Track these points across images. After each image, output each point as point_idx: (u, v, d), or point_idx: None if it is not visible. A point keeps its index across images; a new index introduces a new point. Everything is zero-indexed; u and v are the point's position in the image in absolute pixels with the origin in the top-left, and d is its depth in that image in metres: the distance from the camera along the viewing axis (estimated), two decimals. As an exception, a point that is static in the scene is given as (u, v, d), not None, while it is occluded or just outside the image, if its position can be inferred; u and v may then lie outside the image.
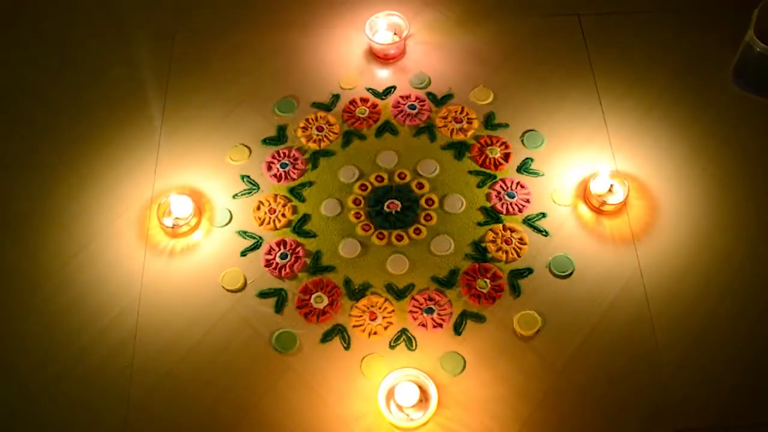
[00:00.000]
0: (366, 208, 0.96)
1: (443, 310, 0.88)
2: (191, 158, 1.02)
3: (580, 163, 1.00)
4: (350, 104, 1.06)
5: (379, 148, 1.01)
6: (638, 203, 0.96)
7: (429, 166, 0.99)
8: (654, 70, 1.06)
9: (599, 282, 0.90)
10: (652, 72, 1.06)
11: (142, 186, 1.00)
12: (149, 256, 0.94)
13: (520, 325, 0.86)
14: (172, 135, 1.04)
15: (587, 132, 1.02)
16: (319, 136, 1.03)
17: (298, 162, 1.00)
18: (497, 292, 0.89)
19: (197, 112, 1.06)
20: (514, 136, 1.02)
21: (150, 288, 0.91)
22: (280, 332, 0.87)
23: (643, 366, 0.85)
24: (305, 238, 0.94)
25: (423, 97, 1.06)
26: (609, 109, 1.03)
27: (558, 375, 0.84)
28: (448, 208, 0.96)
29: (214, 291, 0.91)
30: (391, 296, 0.90)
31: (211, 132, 1.04)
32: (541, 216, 0.95)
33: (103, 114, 1.06)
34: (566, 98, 1.05)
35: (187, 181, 1.00)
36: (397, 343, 0.87)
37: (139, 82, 1.08)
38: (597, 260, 0.91)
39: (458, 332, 0.87)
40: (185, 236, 0.96)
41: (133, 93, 1.07)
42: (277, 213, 0.96)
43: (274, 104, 1.06)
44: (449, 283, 0.90)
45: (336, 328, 0.88)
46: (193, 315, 0.89)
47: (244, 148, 1.02)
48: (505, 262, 0.91)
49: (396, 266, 0.92)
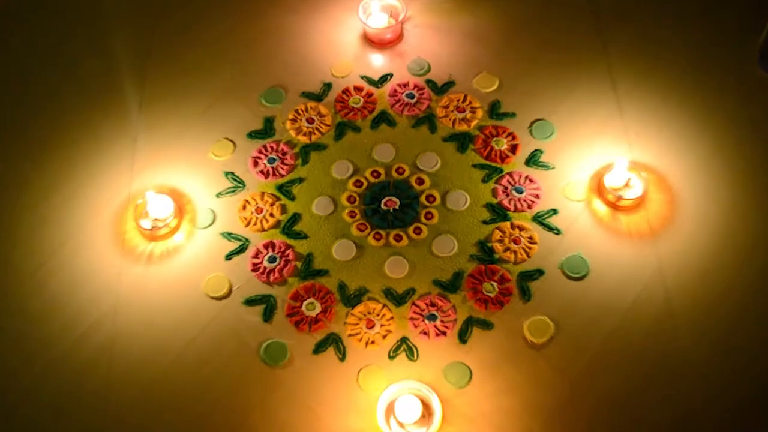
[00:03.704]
0: (361, 206, 0.96)
1: (447, 317, 0.88)
2: (171, 154, 1.01)
3: (593, 154, 0.99)
4: (343, 93, 1.05)
5: (375, 141, 1.01)
6: (657, 197, 0.96)
7: (429, 159, 0.99)
8: (673, 52, 1.06)
9: (616, 284, 0.89)
10: (671, 54, 1.05)
11: (118, 185, 0.99)
12: (126, 261, 0.93)
13: (530, 332, 0.86)
14: (150, 130, 1.03)
15: (601, 120, 1.01)
16: (310, 129, 1.02)
17: (287, 157, 1.00)
18: (505, 297, 0.89)
19: (177, 105, 1.05)
20: (521, 126, 1.01)
21: (127, 296, 0.90)
22: (269, 343, 0.87)
23: (665, 375, 0.84)
24: (295, 239, 0.94)
25: (422, 84, 1.05)
26: (624, 95, 1.03)
27: (572, 386, 0.83)
28: (451, 205, 0.96)
29: (197, 298, 0.90)
30: (390, 302, 0.89)
31: (192, 126, 1.03)
32: (552, 213, 0.95)
33: (75, 109, 1.05)
34: (578, 84, 1.04)
35: (167, 179, 0.99)
36: (396, 353, 0.86)
37: (113, 73, 1.07)
38: (613, 260, 0.91)
39: (463, 340, 0.87)
40: (165, 239, 0.95)
41: (107, 85, 1.07)
42: (265, 213, 0.96)
43: (260, 94, 1.05)
44: (453, 287, 0.90)
45: (330, 338, 0.88)
46: (173, 325, 0.89)
47: (227, 143, 1.02)
48: (514, 264, 0.91)
49: (395, 269, 0.92)
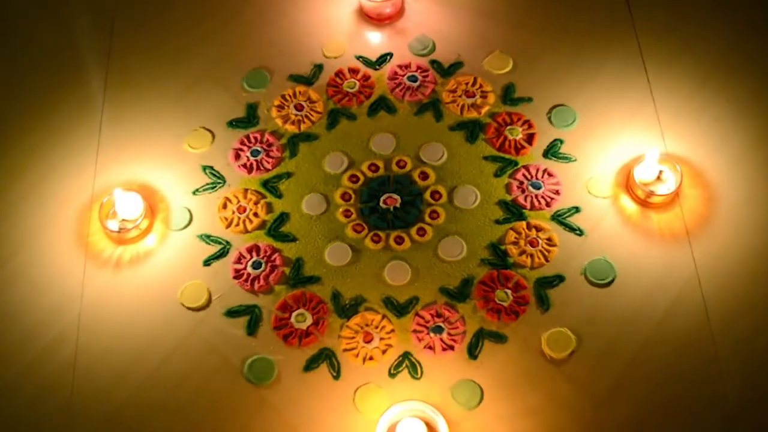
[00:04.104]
0: (357, 204, 0.97)
1: (455, 329, 0.88)
2: (140, 146, 1.02)
3: (621, 144, 0.99)
4: (336, 76, 1.06)
5: (373, 131, 1.01)
6: (693, 193, 0.95)
7: (434, 151, 1.00)
8: (713, 30, 1.06)
9: (647, 291, 0.89)
10: (710, 33, 1.06)
11: (80, 181, 0.99)
12: (90, 268, 0.93)
13: (549, 346, 0.86)
14: (117, 117, 1.03)
15: (629, 106, 1.01)
16: (299, 117, 1.03)
17: (273, 149, 1.01)
18: (521, 306, 0.89)
19: (147, 89, 1.05)
20: (539, 112, 1.02)
21: (91, 307, 0.91)
22: (254, 359, 0.87)
23: (704, 395, 0.84)
24: (283, 242, 0.95)
25: (426, 66, 1.06)
26: (657, 78, 1.02)
27: (597, 408, 0.83)
28: (459, 202, 0.96)
29: (171, 309, 0.90)
30: (391, 313, 0.90)
31: (165, 114, 1.03)
32: (573, 211, 0.95)
33: (28, 93, 1.05)
34: (603, 65, 1.04)
35: (136, 175, 1.00)
36: (398, 370, 0.86)
37: (72, 50, 1.08)
38: (643, 264, 0.90)
39: (473, 356, 0.87)
40: (134, 242, 0.95)
41: (65, 65, 1.07)
42: (248, 212, 0.96)
43: (242, 78, 1.05)
44: (462, 296, 0.90)
45: (323, 353, 0.88)
46: (145, 340, 0.89)
47: (205, 133, 1.02)
48: (531, 269, 0.91)
49: (396, 275, 0.92)
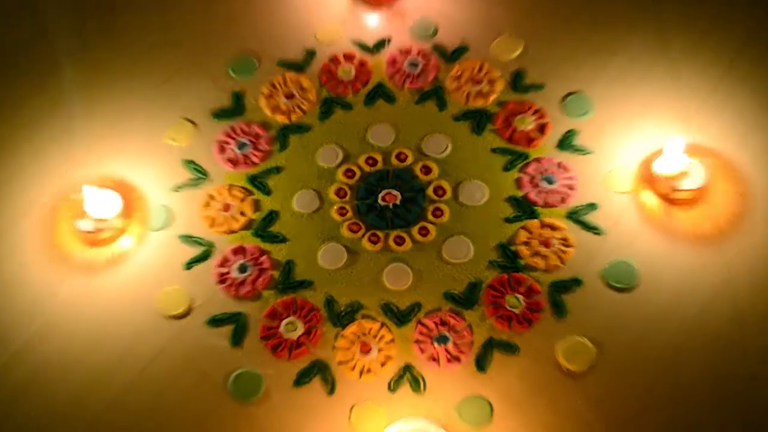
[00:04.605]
0: (354, 201, 0.95)
1: (461, 339, 0.85)
2: (116, 139, 1.00)
3: (642, 135, 0.96)
4: (330, 62, 1.04)
5: (371, 121, 0.99)
6: (723, 188, 0.92)
7: (438, 143, 0.98)
8: (740, 9, 1.03)
9: (673, 297, 0.86)
10: (738, 10, 1.03)
11: (52, 178, 0.97)
12: (59, 272, 0.91)
13: (566, 358, 0.83)
14: (90, 107, 1.01)
15: (650, 93, 0.98)
16: (289, 106, 1.01)
17: (261, 141, 0.99)
18: (534, 313, 0.86)
19: (124, 76, 1.03)
20: (551, 100, 0.99)
21: (61, 315, 0.89)
22: (240, 373, 0.84)
23: (736, 413, 0.80)
24: (272, 243, 0.92)
25: (428, 51, 1.04)
26: (679, 60, 1.00)
27: (620, 427, 0.80)
28: (465, 199, 0.94)
29: (149, 318, 0.88)
30: (390, 320, 0.87)
31: (144, 103, 1.02)
32: (590, 208, 0.92)
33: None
34: (622, 47, 1.01)
35: (111, 170, 0.97)
36: (398, 384, 0.83)
37: (41, 32, 1.06)
38: (669, 267, 0.87)
39: (482, 368, 0.84)
40: (108, 244, 0.93)
41: (33, 49, 1.06)
42: (234, 210, 0.94)
43: (227, 64, 1.04)
44: (468, 302, 0.87)
45: (315, 366, 0.85)
46: (119, 351, 0.86)
47: (187, 124, 1.00)
48: (544, 272, 0.89)
49: (396, 279, 0.90)
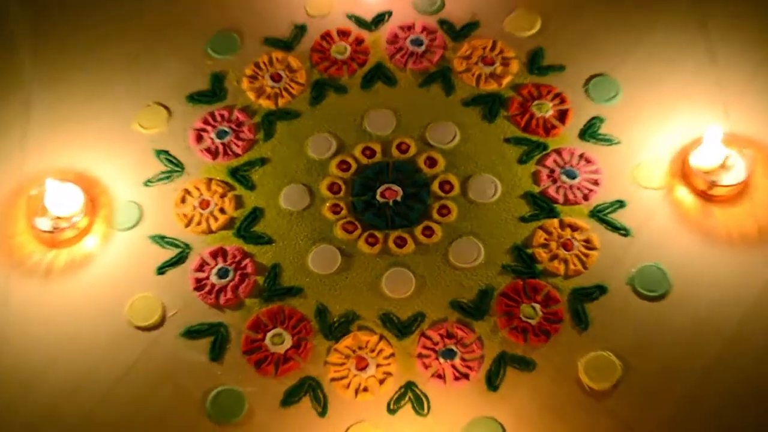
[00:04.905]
0: (349, 197, 0.92)
1: (470, 353, 0.82)
2: (78, 126, 0.97)
3: (675, 123, 0.93)
4: (322, 39, 1.01)
5: (368, 106, 0.97)
6: (766, 183, 0.89)
7: (444, 132, 0.95)
8: None
9: (710, 306, 0.83)
10: None
11: (5, 171, 0.95)
12: (15, 276, 0.89)
13: (588, 375, 0.80)
14: (50, 89, 0.99)
15: (686, 76, 0.96)
16: (276, 89, 0.98)
17: (244, 129, 0.96)
18: (553, 324, 0.83)
19: (88, 54, 1.01)
20: (574, 84, 0.96)
21: (16, 324, 0.86)
22: (219, 391, 0.81)
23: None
24: (256, 244, 0.89)
25: (434, 26, 1.01)
26: (720, 40, 0.97)
27: None
28: (475, 195, 0.91)
29: (117, 328, 0.85)
30: (390, 332, 0.84)
31: (111, 84, 0.99)
32: (617, 206, 0.89)
33: None
34: (654, 24, 0.99)
35: (73, 161, 0.95)
36: (399, 404, 0.80)
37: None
38: (705, 271, 0.85)
39: (493, 386, 0.80)
40: (70, 245, 0.90)
41: None
42: (213, 207, 0.92)
43: (206, 41, 1.01)
44: (479, 312, 0.84)
45: (305, 384, 0.81)
46: (83, 368, 0.83)
47: (160, 109, 0.97)
48: (565, 278, 0.86)
49: (396, 286, 0.87)
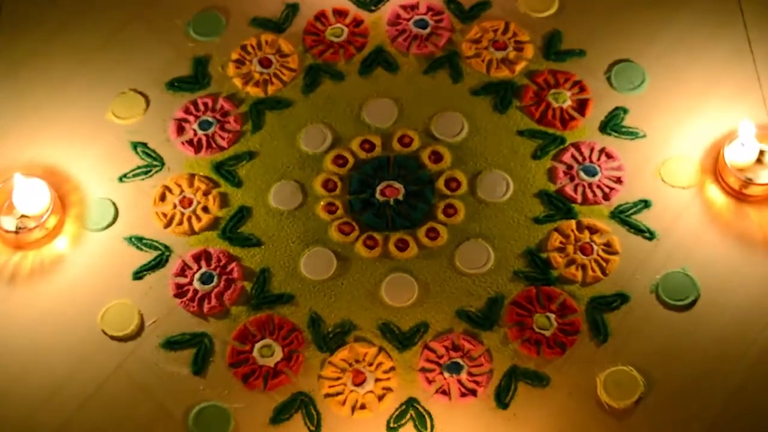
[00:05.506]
0: (345, 195, 0.89)
1: (478, 367, 0.79)
2: (45, 116, 0.95)
3: (706, 115, 0.90)
4: (316, 20, 0.98)
5: (367, 95, 0.94)
6: None
7: (451, 123, 0.92)
8: None
9: (740, 316, 0.80)
10: None
11: None
12: None
13: (607, 391, 0.78)
14: (14, 74, 0.97)
15: (719, 63, 0.93)
16: (265, 75, 0.96)
17: (230, 119, 0.93)
18: (569, 336, 0.80)
19: (55, 39, 0.99)
20: (594, 71, 0.94)
21: None
22: (203, 407, 0.78)
23: None
24: (243, 247, 0.87)
25: (440, 6, 0.98)
26: (757, 23, 0.94)
27: None
28: (484, 194, 0.89)
29: (89, 338, 0.82)
30: (390, 344, 0.81)
31: (82, 69, 0.97)
32: (641, 206, 0.86)
33: None
34: (683, 6, 0.96)
35: (40, 155, 0.93)
36: (400, 423, 0.77)
37: None
38: (736, 279, 0.82)
39: (503, 403, 0.78)
40: (38, 246, 0.87)
41: None
42: (195, 206, 0.89)
43: (187, 22, 0.98)
44: (487, 322, 0.82)
45: (297, 400, 0.79)
46: (53, 379, 0.81)
47: (136, 97, 0.95)
48: (582, 285, 0.83)
49: (397, 293, 0.84)
